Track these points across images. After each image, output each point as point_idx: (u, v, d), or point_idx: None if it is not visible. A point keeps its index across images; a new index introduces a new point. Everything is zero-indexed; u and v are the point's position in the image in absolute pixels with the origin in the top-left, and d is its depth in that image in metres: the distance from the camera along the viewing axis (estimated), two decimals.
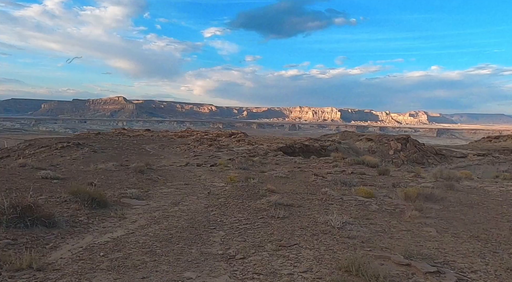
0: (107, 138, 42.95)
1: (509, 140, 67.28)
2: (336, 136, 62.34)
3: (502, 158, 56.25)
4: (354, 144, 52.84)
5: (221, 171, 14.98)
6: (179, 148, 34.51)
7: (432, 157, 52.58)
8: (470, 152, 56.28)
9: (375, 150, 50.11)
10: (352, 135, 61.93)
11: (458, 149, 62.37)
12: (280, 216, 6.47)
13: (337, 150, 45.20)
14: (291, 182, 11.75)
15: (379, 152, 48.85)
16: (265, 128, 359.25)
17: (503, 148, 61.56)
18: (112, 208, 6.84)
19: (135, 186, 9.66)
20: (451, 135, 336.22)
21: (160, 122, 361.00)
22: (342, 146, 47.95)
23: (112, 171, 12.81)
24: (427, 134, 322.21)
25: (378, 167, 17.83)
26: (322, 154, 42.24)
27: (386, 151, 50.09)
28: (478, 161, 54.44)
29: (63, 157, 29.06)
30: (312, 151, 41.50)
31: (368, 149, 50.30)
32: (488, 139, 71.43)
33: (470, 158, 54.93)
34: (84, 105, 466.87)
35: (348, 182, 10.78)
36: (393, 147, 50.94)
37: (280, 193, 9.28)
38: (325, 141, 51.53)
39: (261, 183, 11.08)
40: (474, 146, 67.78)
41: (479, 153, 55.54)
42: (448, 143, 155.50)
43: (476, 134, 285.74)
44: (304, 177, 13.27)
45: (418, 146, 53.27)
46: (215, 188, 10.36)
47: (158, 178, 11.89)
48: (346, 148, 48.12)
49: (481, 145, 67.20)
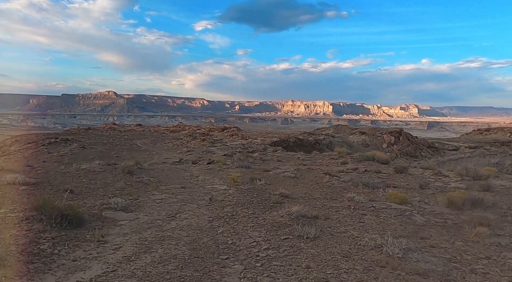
0: (97, 133, 41.08)
1: (499, 132, 67.15)
2: (329, 130, 61.23)
3: (493, 150, 55.86)
4: (348, 137, 51.81)
5: (220, 170, 13.50)
6: (171, 143, 32.90)
7: (425, 150, 51.93)
8: (462, 145, 55.81)
9: (369, 143, 49.19)
10: (345, 129, 60.89)
11: (450, 141, 61.87)
12: (310, 235, 4.97)
13: (331, 144, 44.14)
14: (302, 183, 10.29)
15: (373, 145, 47.96)
16: (257, 122, 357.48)
17: (494, 140, 61.26)
18: (90, 226, 5.27)
19: (122, 192, 8.08)
20: (441, 128, 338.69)
21: (151, 117, 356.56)
22: (336, 140, 46.94)
23: (96, 172, 11.03)
24: (418, 127, 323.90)
25: (389, 163, 16.54)
26: (316, 148, 41.12)
27: (379, 144, 49.20)
28: (470, 154, 53.96)
29: (50, 154, 27.29)
30: (307, 145, 40.36)
31: (362, 142, 49.36)
32: (479, 132, 71.27)
33: (462, 150, 54.42)
34: (73, 100, 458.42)
35: (371, 183, 9.32)
36: (386, 140, 50.08)
37: (295, 198, 7.89)
38: (318, 134, 50.33)
39: (269, 185, 9.81)
40: (466, 138, 67.41)
41: (470, 146, 55.12)
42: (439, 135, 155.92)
43: (465, 127, 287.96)
44: (314, 176, 11.81)
45: (411, 139, 52.57)
46: (216, 192, 8.87)
47: (150, 180, 10.27)
48: (340, 141, 47.10)
49: (472, 138, 66.83)
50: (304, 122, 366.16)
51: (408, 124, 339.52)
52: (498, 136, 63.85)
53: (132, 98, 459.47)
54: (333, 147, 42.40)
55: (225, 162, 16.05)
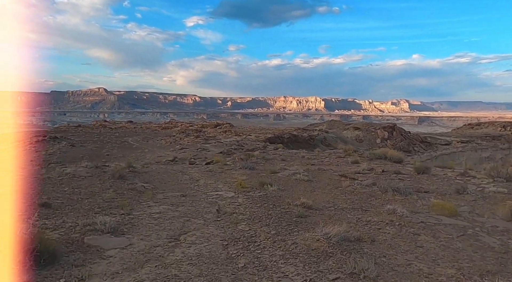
0: (87, 131, 39.45)
1: (490, 127, 67.35)
2: (323, 125, 60.49)
3: (484, 145, 55.78)
4: (341, 133, 51.09)
5: (222, 171, 12.23)
6: (164, 140, 31.47)
7: (418, 145, 51.54)
8: (454, 139, 55.57)
9: (363, 138, 48.61)
10: (338, 124, 60.22)
11: (442, 136, 61.68)
12: (368, 274, 3.66)
13: (325, 139, 43.22)
14: (319, 188, 9.04)
15: (366, 141, 47.42)
16: (250, 118, 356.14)
17: (485, 134, 61.35)
18: (66, 261, 3.89)
19: (111, 205, 6.70)
20: (432, 123, 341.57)
21: (142, 113, 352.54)
22: (330, 135, 46.12)
23: (82, 177, 9.62)
24: (409, 122, 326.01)
25: (403, 162, 15.33)
26: (311, 144, 40.09)
27: (373, 139, 48.66)
28: (462, 148, 53.79)
29: (38, 152, 25.74)
30: (301, 141, 39.36)
31: (356, 137, 48.73)
32: (469, 126, 71.48)
33: (454, 145, 54.15)
34: (63, 97, 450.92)
35: (401, 188, 8.05)
36: (380, 136, 49.55)
37: (319, 209, 6.69)
38: (312, 130, 49.39)
39: (283, 191, 8.68)
40: (457, 133, 67.50)
41: (462, 140, 54.90)
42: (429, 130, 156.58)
43: (455, 122, 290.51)
44: (329, 178, 10.55)
45: (404, 134, 52.15)
46: (223, 200, 7.58)
47: (144, 187, 8.88)
48: (334, 137, 46.32)
49: (464, 132, 66.91)
50: (297, 118, 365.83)
51: (399, 119, 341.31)
52: (489, 130, 63.81)
53: (123, 95, 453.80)
54: (328, 142, 41.42)
55: (225, 161, 14.83)
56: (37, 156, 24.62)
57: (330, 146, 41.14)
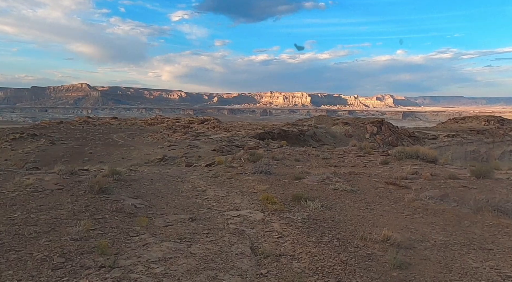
0: (69, 127, 38.92)
1: (474, 121, 69.04)
2: (311, 120, 61.07)
3: (469, 139, 57.41)
4: (331, 128, 51.78)
5: (231, 177, 10.38)
6: (150, 137, 31.40)
7: (406, 139, 52.74)
8: (440, 133, 56.98)
9: (352, 133, 49.41)
10: (327, 119, 60.93)
11: (429, 130, 63.02)
12: None
13: (315, 135, 43.84)
14: (374, 203, 7.38)
15: (356, 136, 48.21)
16: (236, 114, 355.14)
17: (470, 128, 62.96)
18: None
19: (82, 249, 4.62)
20: (416, 117, 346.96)
21: (127, 109, 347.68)
22: (320, 131, 46.75)
23: (47, 192, 7.25)
24: (394, 117, 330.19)
25: (437, 162, 13.48)
26: (300, 139, 40.59)
27: (362, 134, 49.53)
28: (448, 142, 55.36)
29: (14, 151, 25.37)
30: (291, 137, 39.79)
31: (345, 132, 49.50)
32: (454, 121, 73.17)
33: (441, 139, 55.60)
34: (44, 93, 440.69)
35: (502, 207, 6.47)
36: (369, 130, 50.51)
37: (415, 248, 4.94)
38: (302, 125, 49.89)
39: (329, 209, 6.93)
40: (443, 127, 69.11)
41: (448, 134, 56.38)
42: (413, 125, 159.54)
43: (437, 116, 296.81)
44: (372, 186, 8.96)
45: (392, 129, 53.34)
46: (252, 227, 5.79)
47: (135, 206, 6.91)
48: (323, 132, 46.97)
49: (449, 126, 68.50)
50: (283, 113, 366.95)
51: (384, 114, 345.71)
52: (474, 124, 65.53)
53: (107, 90, 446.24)
54: (318, 138, 42.03)
55: (229, 163, 12.87)
56: (13, 154, 24.17)
57: (320, 141, 41.74)
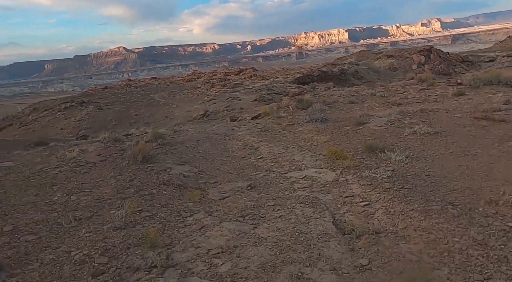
0: (113, 92, 40.43)
1: None
2: (351, 57, 58.04)
3: None
4: (373, 63, 49.00)
5: (283, 129, 9.37)
6: (190, 93, 31.72)
7: (459, 65, 48.71)
8: (499, 54, 51.74)
9: (397, 66, 46.55)
10: (368, 54, 57.57)
11: (485, 52, 57.45)
12: None
13: (357, 72, 41.73)
14: (473, 147, 6.12)
15: (401, 68, 45.47)
16: (271, 60, 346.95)
17: None
18: None
19: (128, 239, 4.10)
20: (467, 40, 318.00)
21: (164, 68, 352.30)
22: (361, 68, 44.39)
23: (90, 166, 6.86)
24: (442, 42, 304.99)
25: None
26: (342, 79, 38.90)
27: (408, 66, 46.45)
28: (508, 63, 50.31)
29: (68, 119, 26.94)
30: (332, 77, 38.25)
31: (389, 66, 46.73)
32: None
33: (500, 60, 50.62)
34: (86, 61, 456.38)
35: None
36: (416, 61, 47.15)
37: None
38: (342, 64, 47.60)
39: (417, 160, 5.83)
40: (501, 46, 62.65)
41: (509, 54, 51.06)
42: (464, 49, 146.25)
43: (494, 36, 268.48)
44: (456, 124, 7.46)
45: (442, 56, 49.20)
46: (326, 193, 5.01)
47: (184, 176, 6.24)
48: (366, 68, 44.62)
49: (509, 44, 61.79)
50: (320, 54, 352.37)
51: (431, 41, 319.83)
52: None
53: (143, 51, 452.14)
54: (360, 75, 40.03)
55: (277, 113, 11.77)
56: (67, 123, 25.70)
57: (363, 78, 39.85)
